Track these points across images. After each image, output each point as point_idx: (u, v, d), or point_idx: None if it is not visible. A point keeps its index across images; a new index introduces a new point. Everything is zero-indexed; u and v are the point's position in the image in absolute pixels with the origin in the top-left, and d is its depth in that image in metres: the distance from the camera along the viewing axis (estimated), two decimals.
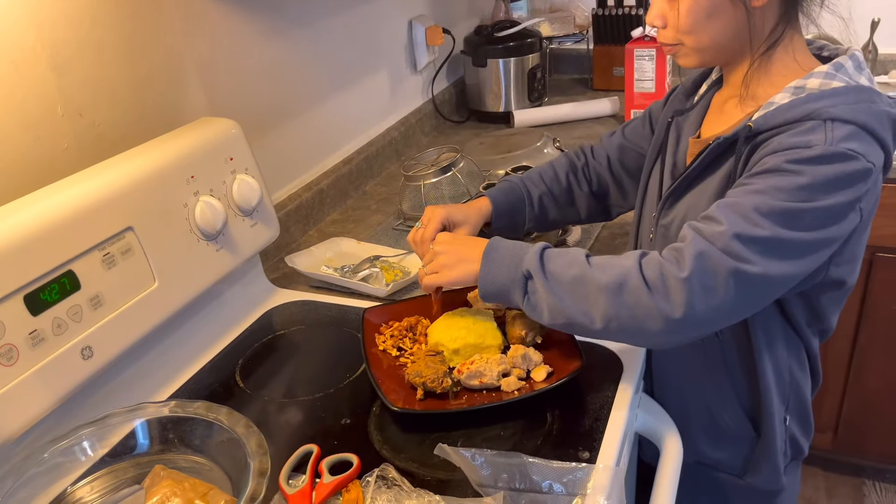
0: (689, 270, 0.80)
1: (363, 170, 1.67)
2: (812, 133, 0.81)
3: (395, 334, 1.06)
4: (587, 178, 1.20)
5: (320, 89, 1.54)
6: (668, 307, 0.81)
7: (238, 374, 1.04)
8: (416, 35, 1.88)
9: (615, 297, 0.83)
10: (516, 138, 1.75)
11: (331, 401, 0.97)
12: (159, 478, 0.80)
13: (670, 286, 0.81)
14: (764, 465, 1.03)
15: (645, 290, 0.82)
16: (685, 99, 1.07)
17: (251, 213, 1.11)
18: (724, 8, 0.88)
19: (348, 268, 1.28)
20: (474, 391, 0.94)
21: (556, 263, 0.87)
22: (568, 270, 0.86)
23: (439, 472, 0.83)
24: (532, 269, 0.87)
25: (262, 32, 1.35)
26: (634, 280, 0.82)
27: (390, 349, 1.04)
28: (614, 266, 0.85)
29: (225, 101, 1.27)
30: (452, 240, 0.98)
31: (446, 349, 0.99)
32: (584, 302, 0.85)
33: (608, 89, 2.20)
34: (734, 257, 0.80)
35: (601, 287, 0.83)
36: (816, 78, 0.86)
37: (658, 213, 1.01)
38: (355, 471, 0.83)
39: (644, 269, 0.83)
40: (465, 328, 1.00)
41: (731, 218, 0.81)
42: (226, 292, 1.15)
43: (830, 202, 0.80)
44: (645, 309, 0.81)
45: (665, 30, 0.93)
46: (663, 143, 1.06)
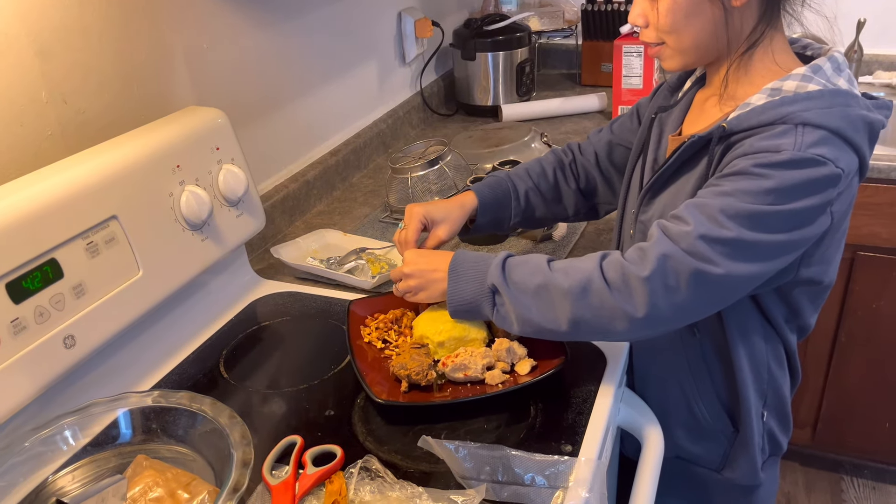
0: (651, 270, 0.82)
1: (350, 161, 1.67)
2: (782, 137, 0.82)
3: (380, 326, 1.06)
4: (574, 174, 1.20)
5: (308, 80, 1.54)
6: (630, 307, 0.83)
7: (222, 364, 1.03)
8: (406, 27, 1.88)
9: (579, 300, 0.85)
10: (504, 132, 1.75)
11: (315, 392, 0.97)
12: (142, 468, 0.80)
13: (632, 286, 0.83)
14: (742, 459, 1.04)
15: (607, 292, 0.84)
16: (669, 95, 1.08)
17: (237, 204, 1.11)
18: (703, 8, 0.88)
19: (334, 259, 1.28)
20: (458, 384, 0.95)
21: (518, 273, 0.89)
22: (531, 279, 0.87)
23: (423, 464, 0.84)
24: (496, 282, 0.89)
25: (252, 22, 1.34)
26: (597, 282, 0.84)
27: (375, 341, 1.04)
28: (576, 270, 0.87)
29: (212, 91, 1.26)
30: (418, 259, 0.98)
31: (431, 342, 0.99)
32: (550, 308, 0.87)
33: (596, 85, 2.21)
34: (697, 258, 0.81)
35: (565, 292, 0.85)
36: (793, 80, 0.87)
37: (637, 210, 1.02)
38: (339, 462, 0.83)
39: (605, 271, 0.85)
40: (450, 321, 1.00)
41: (697, 218, 0.82)
42: (210, 283, 1.14)
43: (797, 206, 0.81)
44: (609, 310, 0.84)
45: (647, 29, 0.94)
46: (646, 140, 1.07)
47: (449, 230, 1.10)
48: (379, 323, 1.07)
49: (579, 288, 0.85)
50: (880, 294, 1.78)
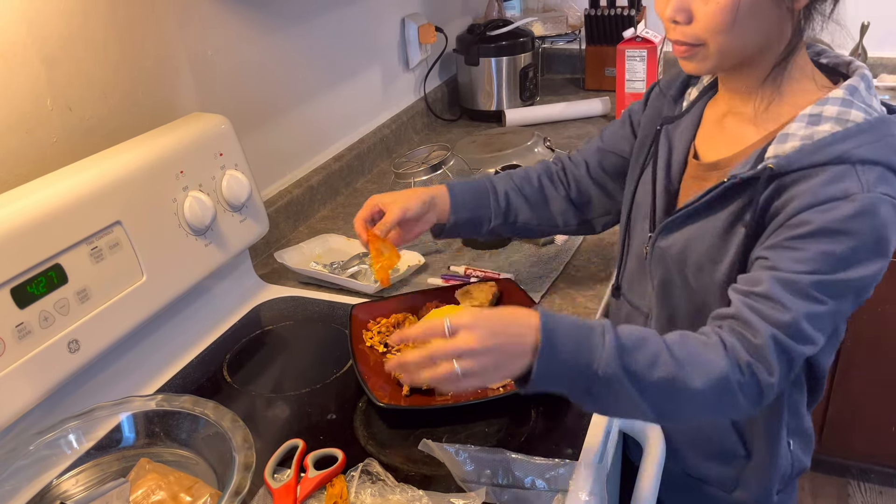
0: (778, 374, 0.77)
1: (354, 167, 1.68)
2: (845, 180, 0.77)
3: (382, 331, 1.07)
4: (563, 182, 1.13)
5: (312, 86, 1.55)
6: (756, 409, 0.79)
7: (226, 368, 1.04)
8: (409, 33, 1.88)
9: (709, 405, 0.77)
10: (507, 137, 1.76)
11: (317, 396, 0.98)
12: (144, 471, 0.80)
13: (764, 392, 0.77)
14: (754, 483, 1.00)
15: (739, 397, 0.77)
16: (673, 104, 1.01)
17: (240, 209, 1.12)
18: (765, 7, 0.79)
19: (337, 264, 1.28)
20: None
21: (637, 361, 0.74)
22: (653, 371, 0.74)
23: (423, 468, 0.84)
24: (612, 371, 0.73)
25: (256, 29, 1.35)
26: (731, 388, 0.76)
27: (377, 345, 1.04)
28: (706, 365, 0.76)
29: (216, 97, 1.27)
30: (485, 326, 0.73)
31: None
32: (668, 403, 0.76)
33: (600, 89, 2.21)
34: (806, 342, 0.77)
35: (695, 392, 0.75)
36: (833, 105, 0.81)
37: (655, 235, 0.96)
38: (340, 466, 0.83)
39: (736, 374, 0.76)
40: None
41: (793, 302, 0.76)
42: (214, 287, 1.15)
43: (880, 259, 0.77)
44: (739, 411, 0.79)
45: (687, 26, 0.82)
46: (653, 152, 1.00)
47: (400, 209, 1.00)
48: (381, 327, 1.07)
49: (713, 392, 0.75)
50: (886, 298, 1.78)
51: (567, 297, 1.18)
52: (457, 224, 1.07)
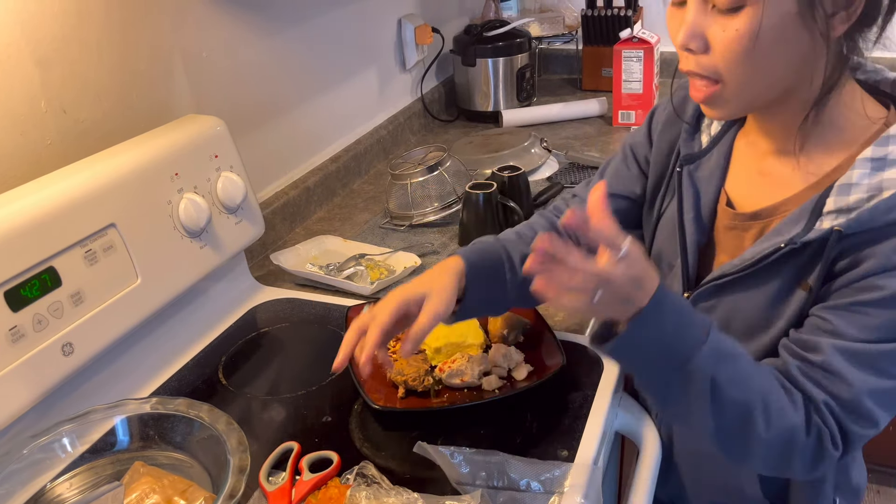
0: (842, 451, 0.72)
1: (351, 168, 1.67)
2: None
3: None
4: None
5: (308, 87, 1.54)
6: (804, 474, 0.75)
7: (221, 371, 1.04)
8: (406, 34, 1.88)
9: (765, 448, 0.72)
10: (504, 138, 1.76)
11: (313, 398, 0.98)
12: (139, 474, 0.80)
13: (823, 462, 0.73)
14: None
15: (796, 458, 0.73)
16: (689, 139, 0.88)
17: (235, 211, 1.11)
18: (797, 34, 0.68)
19: (333, 266, 1.28)
20: (455, 390, 0.95)
21: (726, 372, 0.70)
22: (733, 389, 0.70)
23: (419, 470, 0.84)
24: (700, 369, 0.69)
25: (251, 30, 1.35)
26: (795, 442, 0.72)
27: None
28: (783, 410, 0.71)
29: (212, 99, 1.27)
30: (638, 267, 0.67)
31: (428, 348, 1.00)
32: (731, 427, 0.72)
33: (597, 90, 2.21)
34: (866, 422, 0.72)
35: (760, 430, 0.71)
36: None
37: (692, 293, 0.86)
38: (335, 468, 0.83)
39: (803, 434, 0.72)
40: (447, 327, 1.01)
41: (856, 376, 0.70)
42: (210, 289, 1.15)
43: None
44: (782, 467, 0.75)
45: (703, 56, 0.72)
46: (672, 197, 0.90)
47: (442, 300, 0.81)
48: None
49: (778, 440, 0.71)
50: None
51: None
52: (471, 304, 0.87)
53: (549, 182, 1.62)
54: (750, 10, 0.68)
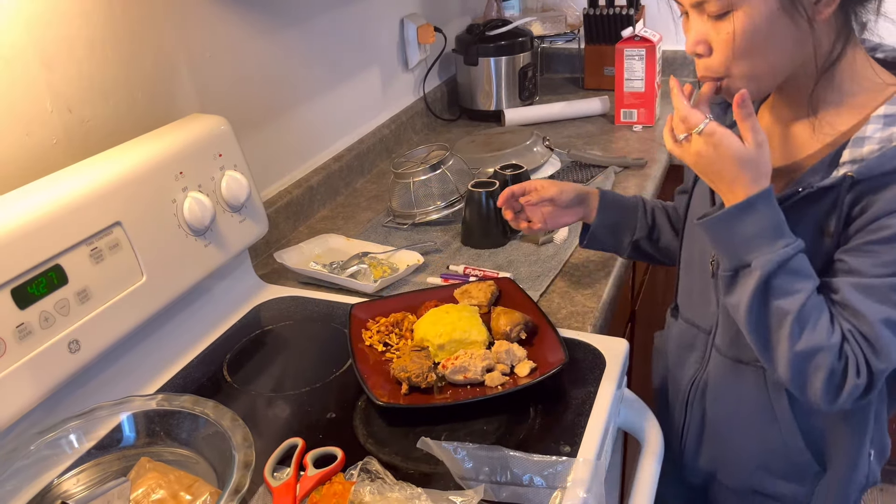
0: (865, 383, 0.78)
1: (354, 167, 1.68)
2: None
3: (381, 330, 1.07)
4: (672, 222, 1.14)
5: (311, 87, 1.55)
6: (822, 403, 0.80)
7: (226, 368, 1.04)
8: (408, 33, 1.89)
9: (789, 359, 0.80)
10: (506, 136, 1.76)
11: (317, 395, 0.98)
12: (145, 470, 0.81)
13: (847, 390, 0.79)
14: (832, 496, 0.97)
15: (818, 379, 0.79)
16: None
17: (240, 209, 1.12)
18: (783, 26, 0.78)
19: (337, 264, 1.29)
20: (458, 386, 0.96)
21: (784, 282, 0.79)
22: (783, 299, 0.79)
23: (422, 466, 0.84)
24: (762, 270, 0.79)
25: (255, 30, 1.36)
26: (820, 362, 0.79)
27: (376, 344, 1.05)
28: (814, 334, 0.79)
29: (216, 98, 1.28)
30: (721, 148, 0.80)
31: (431, 344, 1.00)
32: (764, 327, 0.81)
33: (599, 88, 2.22)
34: (885, 354, 0.77)
35: (787, 346, 0.80)
36: None
37: None
38: (339, 464, 0.84)
39: (834, 357, 0.78)
40: (451, 324, 1.01)
41: (871, 307, 0.77)
42: (214, 287, 1.16)
43: None
44: (801, 386, 0.81)
45: (709, 59, 0.83)
46: None
47: (556, 189, 1.08)
48: (380, 326, 1.08)
49: (804, 357, 0.79)
50: None
51: (566, 296, 1.19)
52: (602, 225, 1.10)
53: None
54: (737, 14, 0.78)
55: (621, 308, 1.46)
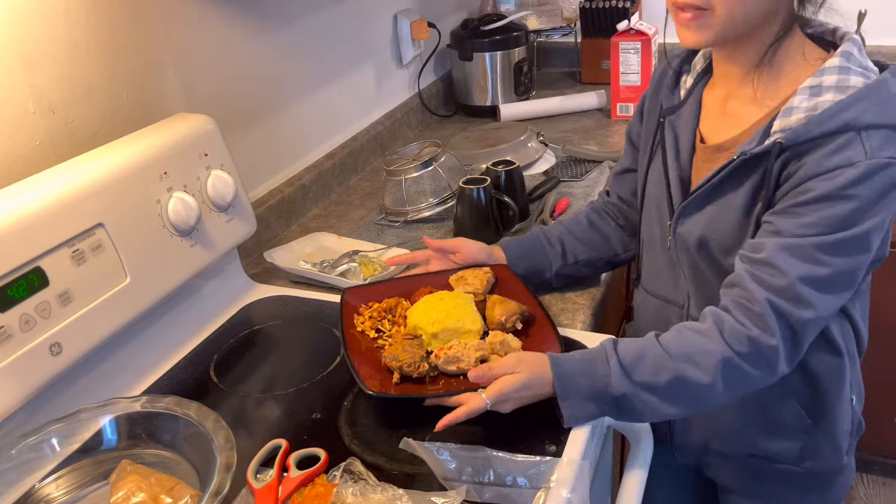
0: (779, 337, 0.83)
1: (347, 165, 1.67)
2: (849, 148, 0.80)
3: (373, 315, 1.05)
4: (611, 214, 1.18)
5: (304, 85, 1.54)
6: (772, 374, 0.85)
7: (213, 369, 1.04)
8: (402, 29, 1.88)
9: (724, 390, 0.85)
10: (501, 132, 1.75)
11: (303, 395, 0.98)
12: (125, 472, 0.80)
13: (769, 357, 0.84)
14: (827, 448, 1.02)
15: (748, 369, 0.84)
16: (670, 94, 1.03)
17: (226, 209, 1.11)
18: None
19: (327, 262, 1.28)
20: (451, 377, 0.94)
21: (642, 373, 0.85)
22: (659, 377, 0.85)
23: (406, 466, 0.84)
24: (626, 389, 0.85)
25: (244, 30, 1.35)
26: (735, 364, 0.84)
27: (368, 330, 1.03)
28: (703, 355, 0.84)
29: (204, 97, 1.27)
30: (514, 397, 0.87)
31: (425, 333, 0.99)
32: (686, 399, 0.86)
33: (596, 82, 2.20)
34: (804, 305, 0.82)
35: (703, 382, 0.84)
36: (830, 74, 0.83)
37: (674, 222, 0.98)
38: (322, 465, 0.83)
39: (736, 348, 0.84)
40: (445, 312, 1.00)
41: (791, 263, 0.82)
42: (203, 287, 1.15)
43: (883, 215, 0.82)
44: (755, 381, 0.86)
45: None
46: (658, 144, 1.03)
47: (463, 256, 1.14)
48: (373, 312, 1.06)
49: (720, 375, 0.84)
50: (887, 287, 1.76)
51: (557, 292, 1.17)
52: (520, 275, 1.12)
53: (546, 176, 1.61)
54: None
55: (615, 304, 1.45)
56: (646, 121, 1.07)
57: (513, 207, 1.36)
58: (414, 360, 0.94)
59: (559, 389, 0.86)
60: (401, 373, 0.93)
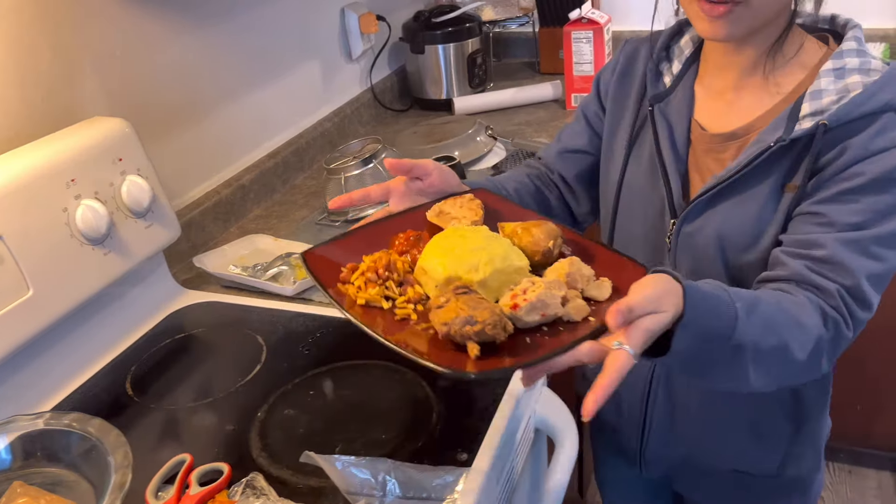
0: (853, 333, 0.79)
1: (292, 163, 1.64)
2: (893, 129, 0.79)
3: (370, 279, 0.76)
4: (552, 184, 1.08)
5: (242, 83, 1.51)
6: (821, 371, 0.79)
7: (129, 381, 1.01)
8: (350, 23, 1.84)
9: (802, 368, 0.77)
10: (449, 126, 1.72)
11: (218, 407, 0.95)
12: (16, 494, 0.77)
13: (843, 348, 0.80)
14: (808, 454, 1.00)
15: (823, 358, 0.78)
16: (655, 81, 0.96)
17: (144, 215, 1.08)
18: None
19: (260, 266, 1.25)
20: (526, 332, 0.69)
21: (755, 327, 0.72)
22: (766, 338, 0.73)
23: (312, 480, 0.81)
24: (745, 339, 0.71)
25: (172, 27, 1.30)
26: (819, 348, 0.77)
27: (378, 300, 0.75)
28: (806, 330, 0.75)
29: (129, 100, 1.23)
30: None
31: (470, 282, 0.73)
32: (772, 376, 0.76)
33: (556, 72, 2.16)
34: (866, 306, 0.79)
35: (797, 364, 0.76)
36: (851, 57, 0.82)
37: (680, 221, 0.91)
38: (224, 481, 0.81)
39: (830, 330, 0.77)
40: (482, 250, 0.74)
41: (856, 262, 0.78)
42: (125, 295, 1.12)
43: None
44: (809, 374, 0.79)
45: None
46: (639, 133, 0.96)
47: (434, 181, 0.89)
48: (365, 276, 0.77)
49: (805, 363, 0.76)
50: None
51: None
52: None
53: (495, 171, 1.58)
54: None
55: None
56: (613, 104, 1.01)
57: None
58: (496, 317, 0.66)
59: (686, 328, 0.66)
60: (481, 338, 0.66)
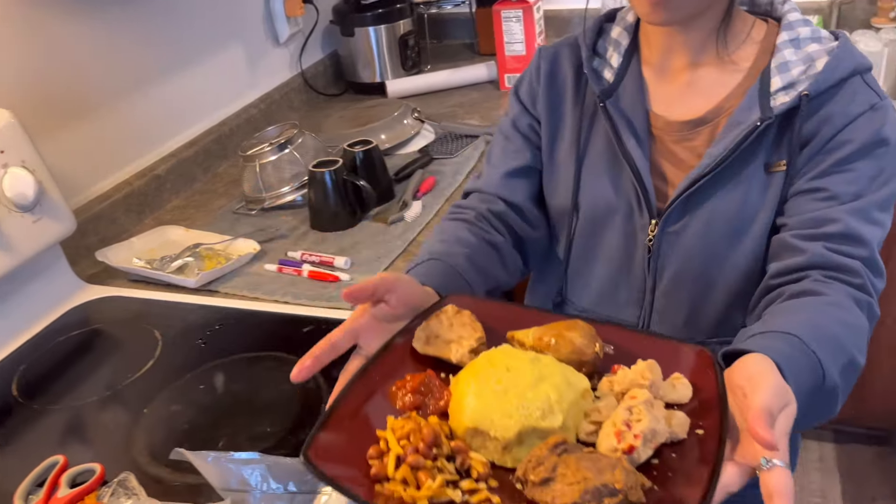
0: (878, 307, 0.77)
1: (213, 151, 1.60)
2: (862, 92, 0.80)
3: (417, 464, 0.58)
4: (495, 227, 0.95)
5: (156, 69, 1.46)
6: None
7: (15, 381, 0.97)
8: (274, 6, 1.79)
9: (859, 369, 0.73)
10: (377, 110, 1.69)
11: (104, 405, 0.92)
12: None
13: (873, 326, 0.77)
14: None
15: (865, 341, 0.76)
16: (597, 78, 0.90)
17: (31, 209, 1.04)
18: None
19: (167, 258, 1.21)
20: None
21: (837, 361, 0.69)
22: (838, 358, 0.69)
23: (189, 477, 0.79)
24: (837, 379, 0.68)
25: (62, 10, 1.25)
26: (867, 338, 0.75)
27: (446, 495, 0.57)
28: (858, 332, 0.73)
29: (21, 90, 1.18)
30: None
31: (550, 431, 0.61)
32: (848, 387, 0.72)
33: (494, 54, 2.12)
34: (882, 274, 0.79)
35: (861, 368, 0.73)
36: (801, 27, 0.83)
37: (662, 220, 0.86)
38: (95, 481, 0.78)
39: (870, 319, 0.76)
40: (542, 381, 0.63)
41: (867, 231, 0.77)
42: (19, 292, 1.08)
43: None
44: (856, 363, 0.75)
45: None
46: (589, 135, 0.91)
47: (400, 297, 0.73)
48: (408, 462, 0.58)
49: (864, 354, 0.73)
50: None
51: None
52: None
53: (421, 154, 1.56)
54: None
55: None
56: (548, 112, 0.94)
57: (368, 191, 1.30)
58: (630, 476, 0.56)
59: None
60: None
